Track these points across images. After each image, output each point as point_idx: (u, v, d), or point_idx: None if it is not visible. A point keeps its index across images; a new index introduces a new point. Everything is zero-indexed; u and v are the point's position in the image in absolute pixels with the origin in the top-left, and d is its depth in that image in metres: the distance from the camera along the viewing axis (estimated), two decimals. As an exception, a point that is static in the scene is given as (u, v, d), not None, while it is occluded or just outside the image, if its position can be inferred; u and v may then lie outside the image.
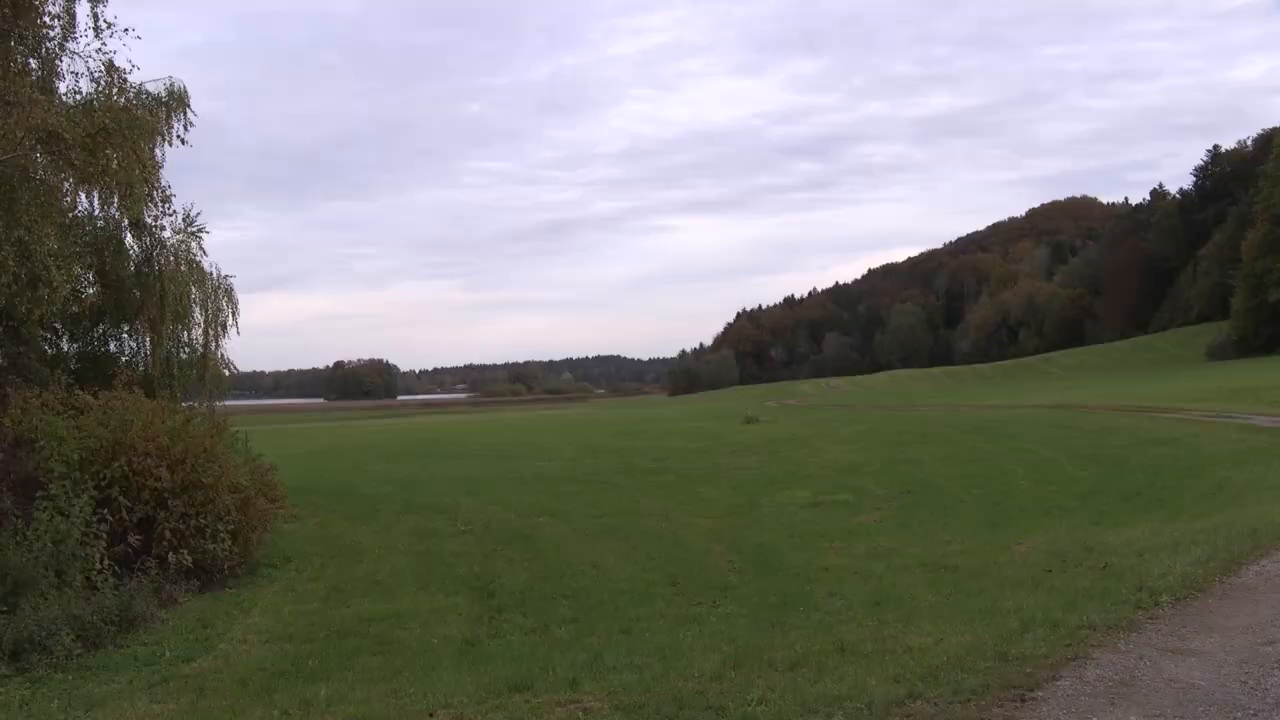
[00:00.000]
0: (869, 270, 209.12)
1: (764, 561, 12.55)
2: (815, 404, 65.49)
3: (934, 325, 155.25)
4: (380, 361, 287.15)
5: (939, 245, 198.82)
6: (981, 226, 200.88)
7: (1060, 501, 15.77)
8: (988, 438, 25.42)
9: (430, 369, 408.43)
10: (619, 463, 24.74)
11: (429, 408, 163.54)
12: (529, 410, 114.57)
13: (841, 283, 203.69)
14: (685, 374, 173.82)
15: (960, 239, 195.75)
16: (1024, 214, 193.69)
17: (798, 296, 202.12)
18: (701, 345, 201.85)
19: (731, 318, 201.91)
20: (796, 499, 17.99)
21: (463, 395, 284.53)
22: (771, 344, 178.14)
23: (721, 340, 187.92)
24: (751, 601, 10.15)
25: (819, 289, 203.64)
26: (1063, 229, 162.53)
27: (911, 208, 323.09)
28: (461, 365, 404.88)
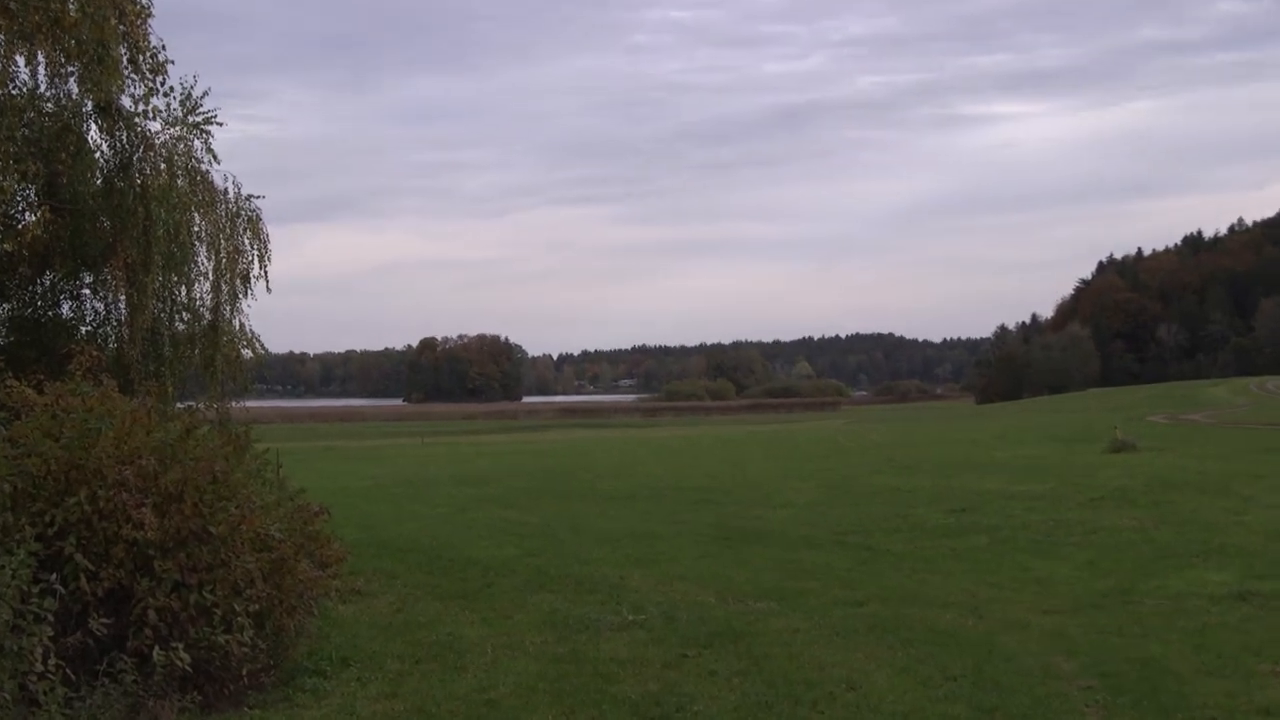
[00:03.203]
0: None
1: (1150, 692, 12.00)
2: (1239, 419, 62.59)
3: None
4: (495, 340, 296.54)
5: None
6: None
7: None
8: None
9: (575, 353, 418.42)
10: (891, 514, 24.83)
11: (572, 416, 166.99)
12: (738, 423, 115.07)
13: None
14: (1006, 366, 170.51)
15: None
16: None
17: (1208, 235, 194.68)
18: (1034, 319, 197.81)
19: (1088, 272, 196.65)
20: (1208, 585, 17.20)
21: (629, 397, 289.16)
22: (1160, 317, 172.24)
23: (1070, 310, 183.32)
24: (1129, 764, 9.69)
25: (1247, 222, 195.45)
26: None
27: None
28: (626, 348, 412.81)
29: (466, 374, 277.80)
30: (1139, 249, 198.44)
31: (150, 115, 16.56)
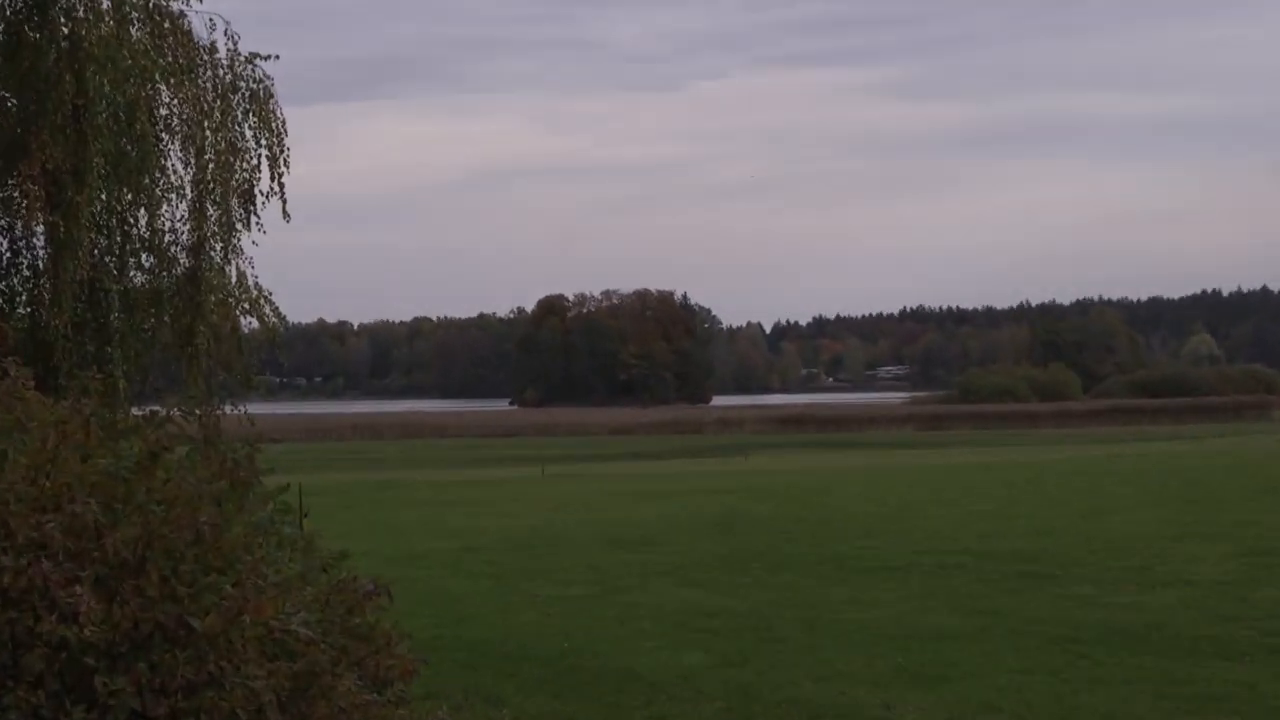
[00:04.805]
0: None
1: None
2: None
3: None
4: (665, 300, 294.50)
5: None
6: None
7: None
8: None
9: (801, 322, 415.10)
10: None
11: (799, 428, 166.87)
12: (1088, 440, 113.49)
13: None
14: None
15: None
16: None
17: None
18: None
19: None
20: None
21: (896, 396, 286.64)
22: None
23: None
24: None
25: None
26: None
27: None
28: (890, 312, 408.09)
29: (617, 357, 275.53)
30: None
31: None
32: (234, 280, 18.01)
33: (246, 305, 18.25)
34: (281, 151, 18.18)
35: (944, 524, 37.50)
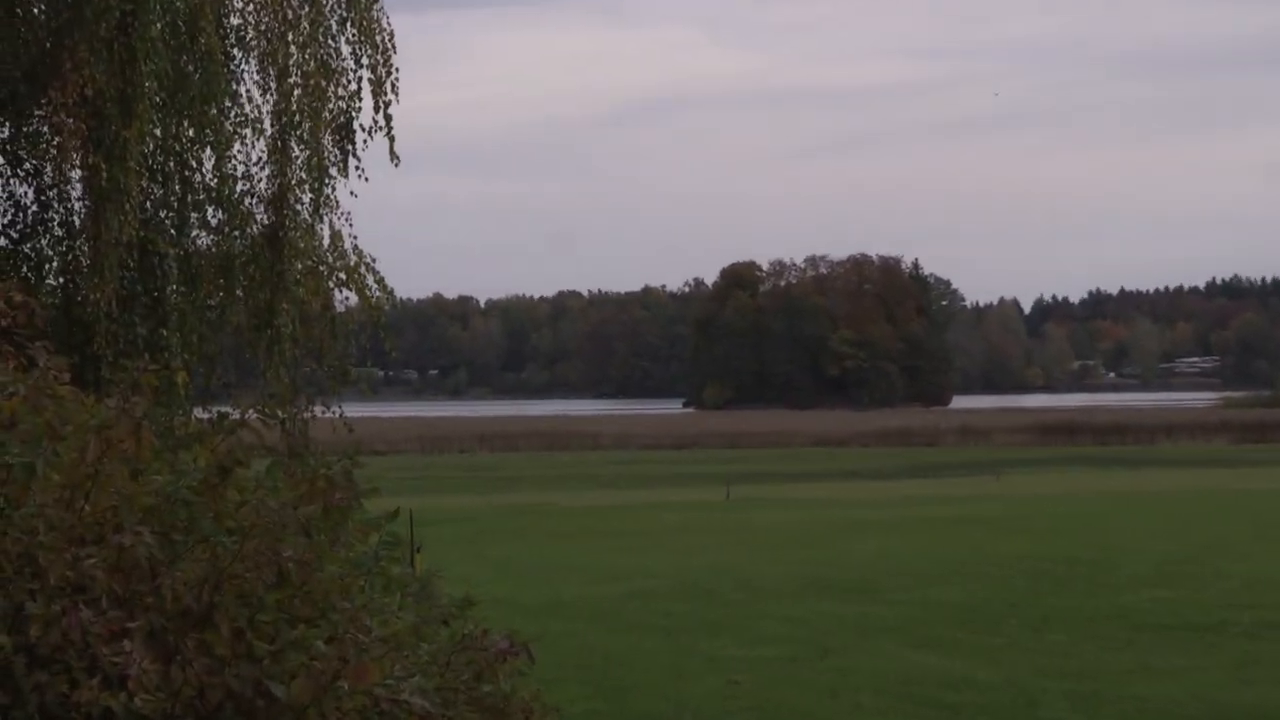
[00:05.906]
0: None
1: None
2: None
3: None
4: (889, 270, 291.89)
5: None
6: None
7: None
8: None
9: (1073, 298, 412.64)
10: None
11: (1073, 438, 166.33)
12: None
13: None
14: None
15: None
16: None
17: None
18: None
19: None
20: None
21: (1202, 398, 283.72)
22: None
23: None
24: None
25: None
26: None
27: None
28: (1194, 285, 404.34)
29: (825, 345, 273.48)
30: None
31: None
32: (326, 242, 18.05)
33: (342, 275, 18.27)
34: (389, 74, 18.12)
35: (1269, 569, 37.06)
